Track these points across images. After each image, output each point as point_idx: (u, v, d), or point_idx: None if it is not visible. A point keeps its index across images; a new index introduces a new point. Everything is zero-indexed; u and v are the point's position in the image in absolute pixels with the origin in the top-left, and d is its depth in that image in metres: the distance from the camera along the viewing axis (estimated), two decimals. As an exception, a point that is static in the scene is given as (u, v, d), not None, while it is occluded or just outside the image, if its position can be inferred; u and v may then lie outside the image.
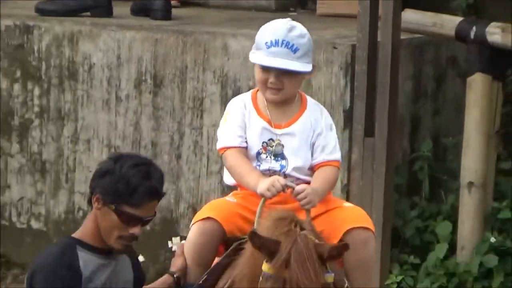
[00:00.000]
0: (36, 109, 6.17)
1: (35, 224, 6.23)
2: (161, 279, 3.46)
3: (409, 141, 6.32)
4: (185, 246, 3.38)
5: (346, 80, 5.55)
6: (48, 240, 6.05)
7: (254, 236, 2.90)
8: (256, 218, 3.18)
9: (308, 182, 3.31)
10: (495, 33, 5.77)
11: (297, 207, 3.17)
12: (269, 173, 3.31)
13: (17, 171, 6.22)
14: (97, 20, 6.28)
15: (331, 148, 3.34)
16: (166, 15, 6.19)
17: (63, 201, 6.09)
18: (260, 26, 3.57)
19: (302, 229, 2.95)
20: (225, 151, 3.31)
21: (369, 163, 5.49)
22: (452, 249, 5.83)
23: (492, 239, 5.70)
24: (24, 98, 6.21)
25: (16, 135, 6.20)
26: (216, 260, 3.35)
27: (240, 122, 3.32)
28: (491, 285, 5.83)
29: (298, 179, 3.33)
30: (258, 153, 3.32)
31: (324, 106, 3.83)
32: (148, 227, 4.34)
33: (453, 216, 5.93)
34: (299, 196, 3.13)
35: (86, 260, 3.15)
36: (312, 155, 3.30)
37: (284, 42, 3.25)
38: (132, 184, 3.07)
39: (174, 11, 6.39)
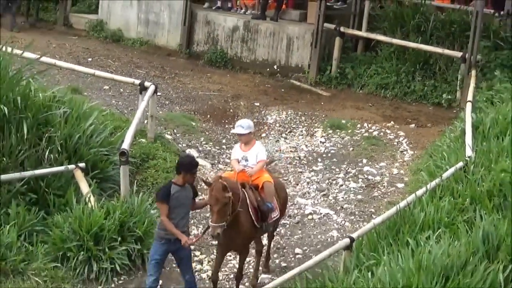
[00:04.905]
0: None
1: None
2: (203, 201, 8.04)
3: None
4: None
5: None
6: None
7: (216, 179, 7.45)
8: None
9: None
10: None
11: (247, 175, 7.97)
12: (242, 165, 8.05)
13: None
14: None
15: (261, 156, 8.05)
16: None
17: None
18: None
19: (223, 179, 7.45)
20: (231, 160, 8.29)
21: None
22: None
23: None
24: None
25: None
26: None
27: (235, 152, 8.17)
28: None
29: (251, 167, 8.00)
30: (239, 160, 8.10)
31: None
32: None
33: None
34: (247, 171, 8.03)
35: (173, 188, 7.17)
36: (256, 159, 8.04)
37: (240, 124, 8.10)
38: (190, 164, 7.24)
39: None
